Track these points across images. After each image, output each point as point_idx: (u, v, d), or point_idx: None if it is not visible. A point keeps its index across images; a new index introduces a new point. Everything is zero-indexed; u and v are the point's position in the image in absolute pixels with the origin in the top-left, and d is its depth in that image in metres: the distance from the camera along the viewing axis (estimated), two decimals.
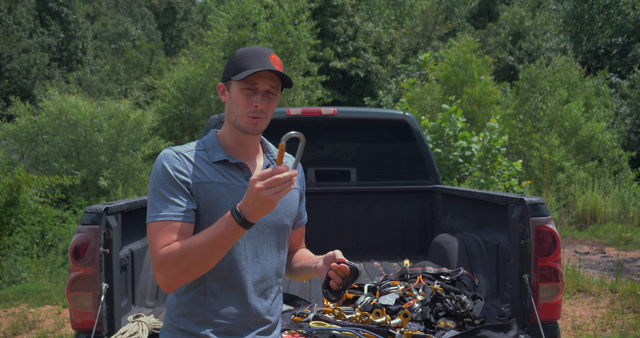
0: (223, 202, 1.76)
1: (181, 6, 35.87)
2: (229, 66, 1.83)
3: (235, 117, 1.81)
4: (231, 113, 1.82)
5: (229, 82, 1.82)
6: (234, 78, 1.79)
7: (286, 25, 14.97)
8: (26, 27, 23.17)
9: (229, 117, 1.84)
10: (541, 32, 26.35)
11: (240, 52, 1.82)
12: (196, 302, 1.78)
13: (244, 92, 1.79)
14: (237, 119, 1.81)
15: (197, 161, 1.79)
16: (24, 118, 10.53)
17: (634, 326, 5.15)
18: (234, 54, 1.89)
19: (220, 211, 1.74)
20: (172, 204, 1.71)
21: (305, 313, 2.91)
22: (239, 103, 1.80)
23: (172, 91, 14.79)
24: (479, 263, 3.54)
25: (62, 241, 8.49)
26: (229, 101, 1.83)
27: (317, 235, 4.88)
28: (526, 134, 14.68)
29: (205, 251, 1.62)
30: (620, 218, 11.75)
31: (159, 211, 1.71)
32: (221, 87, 1.86)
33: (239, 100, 1.80)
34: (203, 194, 1.75)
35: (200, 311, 1.77)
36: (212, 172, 1.78)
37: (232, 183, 1.80)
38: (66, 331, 5.34)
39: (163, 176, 1.74)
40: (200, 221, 1.75)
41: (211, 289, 1.78)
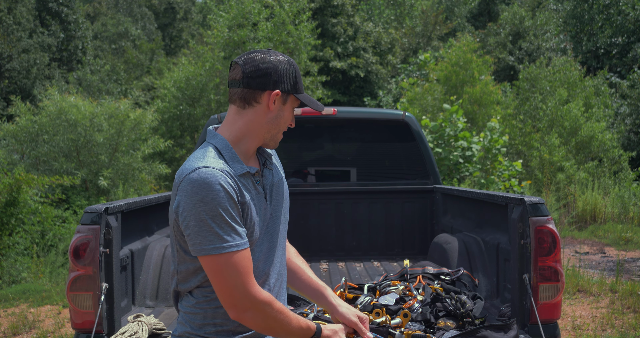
0: (254, 217, 1.76)
1: (181, 6, 35.87)
2: (290, 79, 1.78)
3: (278, 131, 1.81)
4: (274, 126, 1.80)
5: (287, 95, 1.79)
6: (299, 97, 1.80)
7: (287, 25, 14.98)
8: (26, 27, 23.16)
9: (268, 128, 1.79)
10: (541, 32, 26.35)
11: (298, 71, 1.82)
12: (222, 313, 1.76)
13: (293, 110, 1.83)
14: (278, 134, 1.82)
15: (233, 178, 1.70)
16: (24, 118, 10.53)
17: (634, 326, 5.15)
18: (290, 64, 1.79)
19: (252, 226, 1.74)
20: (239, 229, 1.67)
21: (305, 313, 2.91)
22: (287, 120, 1.82)
23: (172, 91, 14.79)
24: (479, 263, 3.54)
25: (62, 241, 8.49)
26: (279, 113, 1.79)
27: (317, 235, 4.88)
28: (526, 134, 14.68)
29: (282, 330, 1.73)
30: (620, 218, 11.75)
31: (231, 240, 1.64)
32: (277, 95, 1.77)
33: (289, 117, 1.82)
34: (246, 213, 1.73)
35: (226, 322, 1.77)
36: (242, 188, 1.72)
37: (252, 194, 1.77)
38: (66, 331, 5.34)
39: (223, 200, 1.63)
40: None
41: None
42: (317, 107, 1.83)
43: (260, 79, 1.74)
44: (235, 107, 1.80)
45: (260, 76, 1.74)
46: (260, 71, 1.74)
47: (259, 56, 1.76)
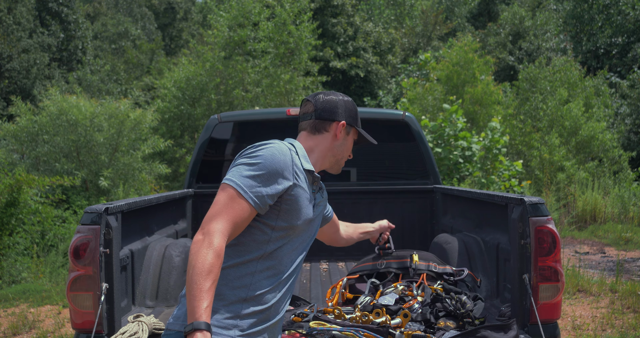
0: (303, 207, 1.95)
1: (181, 6, 35.86)
2: (354, 114, 2.15)
3: (342, 157, 2.16)
4: (339, 153, 2.14)
5: (350, 127, 2.15)
6: (360, 131, 2.16)
7: (288, 25, 14.98)
8: (26, 27, 23.17)
9: (335, 154, 2.13)
10: (541, 32, 26.35)
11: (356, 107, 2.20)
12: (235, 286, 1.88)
13: (352, 142, 2.18)
14: (341, 161, 2.17)
15: (297, 162, 1.95)
16: (25, 118, 10.52)
17: (634, 326, 5.15)
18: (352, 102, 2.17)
19: (299, 211, 1.94)
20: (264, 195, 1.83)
21: (305, 313, 2.91)
22: (349, 149, 2.18)
23: (173, 91, 14.79)
24: (479, 263, 3.54)
25: (62, 241, 8.49)
26: (343, 142, 2.13)
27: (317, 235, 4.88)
28: (526, 134, 14.69)
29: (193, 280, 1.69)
30: (620, 218, 11.75)
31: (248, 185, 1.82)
32: (344, 126, 2.11)
33: (349, 147, 2.17)
34: (296, 195, 1.92)
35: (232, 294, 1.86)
36: (303, 178, 1.97)
37: (308, 192, 2.00)
38: (66, 331, 5.34)
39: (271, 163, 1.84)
40: (279, 210, 1.90)
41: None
42: (372, 140, 2.22)
43: (331, 112, 2.11)
44: (306, 133, 2.12)
45: (331, 110, 2.11)
46: (331, 106, 2.12)
47: (326, 95, 2.14)
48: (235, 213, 1.79)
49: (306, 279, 4.27)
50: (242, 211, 1.80)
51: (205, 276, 1.67)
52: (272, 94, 14.45)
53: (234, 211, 1.79)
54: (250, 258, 1.88)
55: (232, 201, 1.80)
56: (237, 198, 1.80)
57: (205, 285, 1.66)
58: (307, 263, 4.84)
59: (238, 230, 1.82)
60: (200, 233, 1.74)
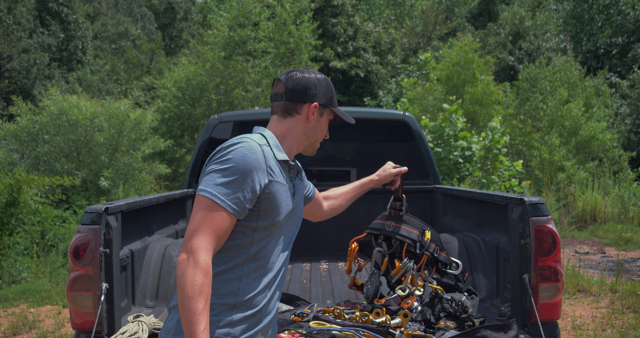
0: (282, 201, 1.89)
1: (181, 6, 35.85)
2: (328, 93, 2.04)
3: (316, 140, 2.06)
4: (313, 135, 2.04)
5: (324, 108, 2.04)
6: (335, 110, 2.05)
7: (288, 25, 14.98)
8: (26, 27, 23.17)
9: (308, 136, 2.03)
10: (541, 32, 26.35)
11: (332, 86, 2.08)
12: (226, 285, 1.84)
13: (328, 122, 2.08)
14: (315, 143, 2.06)
15: (270, 156, 1.87)
16: (25, 118, 10.52)
17: (634, 326, 5.15)
18: (326, 81, 2.04)
19: (278, 208, 1.87)
20: (241, 199, 1.76)
21: (305, 313, 2.91)
22: (323, 130, 2.07)
23: (173, 91, 14.79)
24: (479, 263, 3.54)
25: (62, 241, 8.49)
26: (317, 124, 2.03)
27: (318, 235, 4.88)
28: (526, 134, 14.68)
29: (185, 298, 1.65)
30: (620, 218, 11.75)
31: (224, 193, 1.74)
32: (316, 107, 2.00)
33: (324, 128, 2.07)
34: (273, 192, 1.85)
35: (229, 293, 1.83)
36: (278, 171, 1.89)
37: (286, 183, 1.93)
38: (66, 331, 5.34)
39: (243, 165, 1.76)
40: (259, 210, 1.84)
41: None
42: (349, 119, 2.10)
43: (302, 93, 1.99)
44: (277, 117, 2.02)
45: (302, 91, 1.99)
46: (302, 86, 1.99)
47: (299, 74, 2.01)
48: (216, 225, 1.72)
49: (306, 279, 4.27)
50: (222, 222, 1.74)
51: (197, 298, 1.63)
52: None
53: (214, 223, 1.72)
54: (236, 263, 1.83)
55: (211, 213, 1.72)
56: (215, 209, 1.73)
57: (199, 307, 1.63)
58: (307, 263, 4.84)
59: (222, 241, 1.76)
60: (183, 252, 1.69)
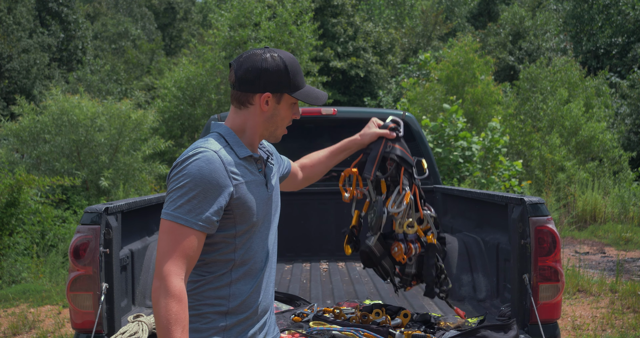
0: (254, 199, 1.81)
1: (181, 6, 35.84)
2: (283, 79, 1.81)
3: (276, 128, 1.89)
4: (272, 124, 1.87)
5: (281, 95, 1.84)
6: (297, 96, 1.85)
7: (289, 25, 14.98)
8: (26, 27, 23.16)
9: (267, 126, 1.87)
10: (541, 32, 26.34)
11: (292, 66, 1.83)
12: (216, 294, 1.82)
13: (291, 106, 1.89)
14: (277, 130, 1.90)
15: (230, 161, 1.76)
16: (27, 117, 10.53)
17: (634, 326, 5.15)
18: (282, 63, 1.82)
19: (252, 208, 1.80)
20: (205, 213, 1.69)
21: (305, 313, 2.91)
22: (285, 117, 1.89)
23: (173, 91, 14.80)
24: (479, 263, 3.54)
25: (62, 241, 8.49)
26: (274, 112, 1.85)
27: (318, 235, 4.88)
28: (526, 134, 14.68)
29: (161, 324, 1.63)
30: (620, 218, 11.75)
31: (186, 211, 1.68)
32: (268, 98, 1.82)
33: (287, 114, 1.89)
34: (242, 195, 1.77)
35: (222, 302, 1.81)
36: (243, 170, 1.80)
37: (254, 178, 1.84)
38: (66, 331, 5.34)
39: (200, 179, 1.68)
40: (234, 216, 1.77)
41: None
42: (315, 101, 1.88)
43: (250, 82, 1.80)
44: (233, 107, 1.88)
45: (251, 80, 1.80)
46: (251, 75, 1.80)
47: (250, 59, 1.82)
48: (183, 247, 1.66)
49: (306, 279, 4.27)
50: (190, 242, 1.67)
51: (172, 328, 1.60)
52: None
53: (181, 246, 1.66)
54: (223, 271, 1.79)
55: (176, 236, 1.66)
56: (179, 231, 1.66)
57: (176, 336, 1.60)
58: (307, 263, 4.85)
59: (194, 260, 1.70)
60: (156, 279, 1.65)
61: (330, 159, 2.44)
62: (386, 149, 2.46)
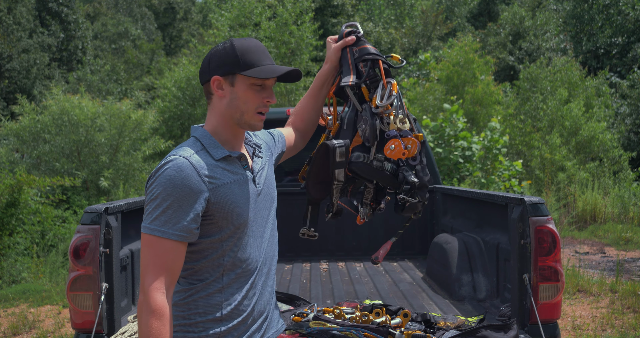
0: (237, 200, 1.76)
1: (181, 6, 35.84)
2: (230, 59, 1.76)
3: (242, 113, 1.78)
4: (235, 109, 1.78)
5: (233, 76, 1.76)
6: (249, 74, 1.74)
7: (289, 25, 14.98)
8: (26, 27, 23.15)
9: (231, 113, 1.78)
10: (541, 32, 26.34)
11: (242, 45, 1.77)
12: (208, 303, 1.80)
13: (253, 88, 1.77)
14: (245, 116, 1.78)
15: (204, 165, 1.72)
16: (28, 117, 10.54)
17: (634, 326, 5.15)
18: (231, 46, 1.78)
19: (235, 210, 1.75)
20: (178, 218, 1.67)
21: (305, 313, 2.92)
22: (248, 99, 1.77)
23: (173, 91, 14.81)
24: (479, 263, 3.54)
25: (62, 241, 8.49)
26: (232, 96, 1.77)
27: (317, 235, 4.87)
28: (526, 134, 14.69)
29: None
30: (620, 218, 11.75)
31: (162, 222, 1.66)
32: (217, 81, 1.77)
33: (249, 96, 1.77)
34: (221, 198, 1.73)
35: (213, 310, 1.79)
36: (221, 172, 1.75)
37: (238, 177, 1.79)
38: (66, 331, 5.34)
39: (172, 188, 1.66)
40: (216, 220, 1.74)
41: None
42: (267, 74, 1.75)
43: (203, 72, 1.82)
44: (208, 106, 1.87)
45: (204, 70, 1.82)
46: (204, 66, 1.82)
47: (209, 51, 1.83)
48: (162, 260, 1.64)
49: (306, 279, 4.27)
50: (169, 254, 1.65)
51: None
52: None
53: (160, 259, 1.64)
54: (214, 277, 1.77)
55: (155, 248, 1.65)
56: (157, 244, 1.65)
57: None
58: (307, 263, 4.85)
59: (176, 271, 1.68)
60: (141, 293, 1.65)
61: (315, 100, 2.31)
62: (354, 56, 2.23)
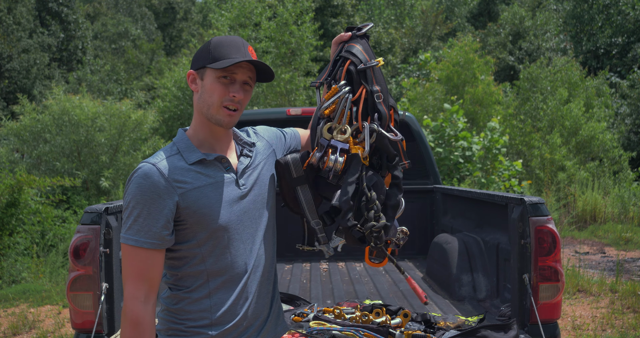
0: (211, 204, 1.72)
1: (181, 6, 35.84)
2: (203, 54, 1.74)
3: (208, 107, 1.73)
4: (203, 103, 1.74)
5: (203, 70, 1.74)
6: (212, 66, 1.71)
7: (289, 25, 14.98)
8: (26, 27, 23.15)
9: (200, 108, 1.75)
10: (541, 32, 26.34)
11: (218, 41, 1.75)
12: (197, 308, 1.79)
13: (220, 81, 1.72)
14: (211, 110, 1.73)
15: (174, 169, 1.69)
16: (29, 117, 10.54)
17: (634, 326, 5.15)
18: (208, 41, 1.78)
19: (209, 214, 1.71)
20: (148, 226, 1.66)
21: (305, 313, 2.92)
22: (213, 92, 1.72)
23: (173, 91, 14.81)
24: (479, 263, 3.54)
25: (62, 241, 8.49)
26: (201, 90, 1.74)
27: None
28: (526, 134, 14.69)
29: None
30: (620, 218, 11.74)
31: (134, 231, 1.67)
32: (192, 75, 1.77)
33: (215, 89, 1.72)
34: (192, 202, 1.69)
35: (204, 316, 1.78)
36: (194, 176, 1.71)
37: (215, 180, 1.74)
38: (66, 331, 5.34)
39: (140, 196, 1.65)
40: (189, 225, 1.71)
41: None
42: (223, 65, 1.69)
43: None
44: None
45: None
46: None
47: None
48: (138, 268, 1.66)
49: (306, 279, 4.27)
50: (144, 262, 1.66)
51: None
52: (272, 94, 14.45)
53: (136, 268, 1.65)
54: (199, 282, 1.74)
55: (131, 257, 1.66)
56: (132, 253, 1.66)
57: None
58: (307, 263, 4.84)
59: (155, 279, 1.68)
60: (123, 302, 1.69)
61: None
62: (340, 52, 2.02)
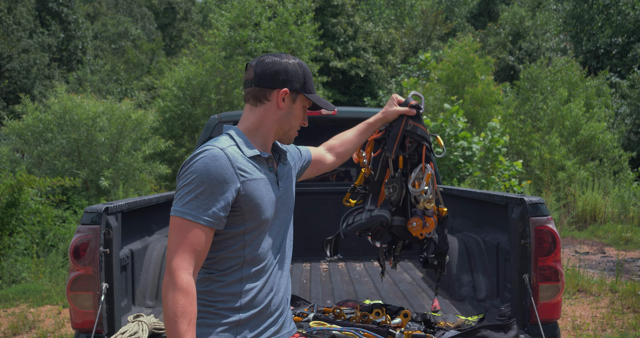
0: (263, 197, 1.85)
1: (181, 6, 35.84)
2: (297, 77, 1.92)
3: (290, 128, 1.96)
4: (286, 123, 1.95)
5: (297, 94, 1.94)
6: (309, 97, 1.95)
7: (289, 25, 14.98)
8: (26, 27, 23.15)
9: (282, 125, 1.94)
10: (541, 32, 26.35)
11: (307, 69, 1.97)
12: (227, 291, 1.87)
13: (304, 110, 1.98)
14: (291, 131, 1.97)
15: (238, 157, 1.82)
16: (31, 116, 10.54)
17: (634, 326, 5.15)
18: (299, 65, 1.94)
19: (261, 205, 1.84)
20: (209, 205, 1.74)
21: (305, 313, 2.91)
22: (299, 117, 1.98)
23: (173, 91, 14.80)
24: (479, 263, 3.54)
25: (62, 241, 8.49)
26: (288, 110, 1.94)
27: (318, 235, 4.88)
28: (526, 134, 14.68)
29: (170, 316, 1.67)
30: (620, 218, 11.74)
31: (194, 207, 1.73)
32: (285, 93, 1.91)
33: (300, 115, 1.98)
34: (250, 192, 1.81)
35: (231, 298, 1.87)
36: (251, 168, 1.84)
37: (265, 177, 1.89)
38: (66, 331, 5.34)
39: (207, 175, 1.73)
40: (242, 213, 1.82)
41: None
42: (327, 106, 1.99)
43: (270, 78, 1.90)
44: (249, 105, 1.95)
45: (270, 76, 1.90)
46: (271, 71, 1.90)
47: (270, 58, 1.92)
48: (191, 243, 1.72)
49: (306, 279, 4.27)
50: (198, 238, 1.73)
51: (179, 321, 1.65)
52: None
53: (189, 241, 1.72)
54: (234, 268, 1.85)
55: (185, 231, 1.72)
56: (187, 227, 1.73)
57: (182, 328, 1.65)
58: (307, 263, 4.85)
59: (203, 255, 1.76)
60: (166, 274, 1.71)
61: (357, 138, 2.50)
62: (407, 128, 2.47)
